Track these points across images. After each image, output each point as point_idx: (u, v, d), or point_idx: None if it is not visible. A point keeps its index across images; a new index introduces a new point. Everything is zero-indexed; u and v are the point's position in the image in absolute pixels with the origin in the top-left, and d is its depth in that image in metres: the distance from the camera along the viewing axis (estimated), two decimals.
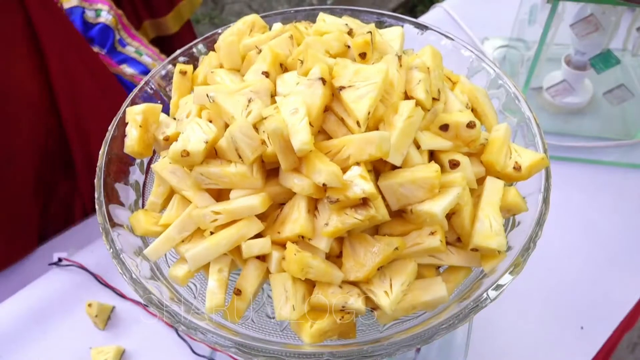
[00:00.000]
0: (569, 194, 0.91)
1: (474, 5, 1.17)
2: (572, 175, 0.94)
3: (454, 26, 1.14)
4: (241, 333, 0.46)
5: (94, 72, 1.01)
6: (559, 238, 0.87)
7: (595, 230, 0.88)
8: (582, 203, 0.91)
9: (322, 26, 0.56)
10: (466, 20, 1.14)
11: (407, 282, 0.45)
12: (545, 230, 0.86)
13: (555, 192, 0.90)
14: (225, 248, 0.45)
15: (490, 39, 1.10)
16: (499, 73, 0.57)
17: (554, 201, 0.89)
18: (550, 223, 0.87)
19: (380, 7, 2.23)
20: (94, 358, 0.76)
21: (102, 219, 0.48)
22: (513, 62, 1.06)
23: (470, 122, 0.47)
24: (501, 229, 0.45)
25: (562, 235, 0.87)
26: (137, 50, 1.17)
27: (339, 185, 0.43)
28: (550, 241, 0.85)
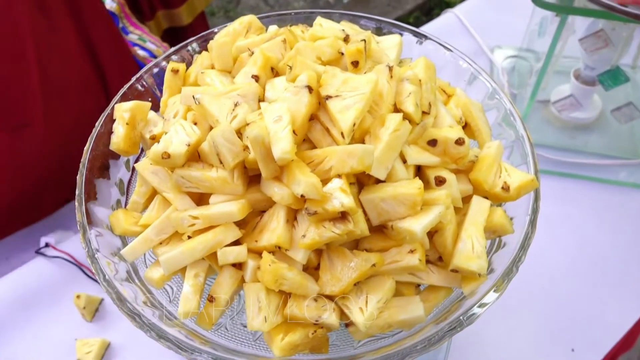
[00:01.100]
0: (570, 211, 0.90)
1: (486, 13, 1.15)
2: (575, 192, 0.92)
3: (464, 33, 1.13)
4: (212, 341, 0.45)
5: (120, 51, 1.01)
6: (556, 255, 0.85)
7: (594, 250, 0.86)
8: (582, 221, 0.89)
9: (318, 31, 0.55)
10: (477, 28, 1.12)
11: (384, 299, 0.44)
12: (542, 247, 0.85)
13: (555, 208, 0.90)
14: (201, 254, 0.45)
15: (500, 48, 1.08)
16: (496, 88, 0.56)
17: (553, 217, 0.88)
18: (547, 239, 0.87)
19: (396, 8, 2.21)
20: (78, 350, 0.76)
21: (81, 217, 0.47)
22: (522, 73, 1.04)
23: (459, 139, 0.46)
24: (483, 251, 0.44)
25: (559, 252, 0.86)
26: (140, 37, 1.17)
27: (317, 197, 0.42)
28: (546, 258, 0.84)
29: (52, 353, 0.76)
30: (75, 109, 0.87)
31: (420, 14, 2.22)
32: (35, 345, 0.77)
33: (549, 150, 0.94)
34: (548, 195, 0.91)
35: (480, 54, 1.09)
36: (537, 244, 0.84)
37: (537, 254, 0.84)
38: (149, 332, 0.42)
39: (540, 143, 0.95)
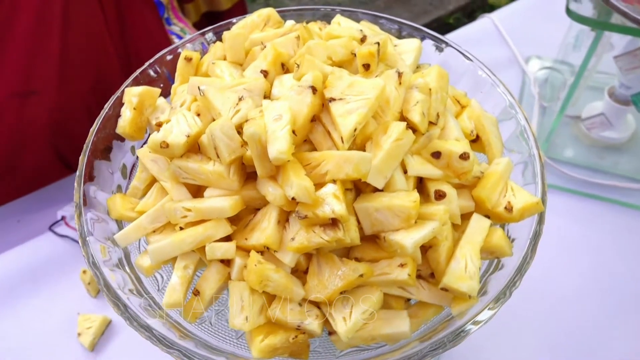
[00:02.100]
0: (588, 233, 0.86)
1: (525, 20, 1.12)
2: (596, 214, 0.88)
3: (499, 40, 1.09)
4: (193, 335, 0.45)
5: (155, 38, 1.03)
6: (567, 277, 0.82)
7: (610, 277, 0.82)
8: (600, 245, 0.85)
9: (335, 29, 0.54)
10: (513, 35, 1.09)
11: (370, 311, 0.43)
12: (553, 267, 0.82)
13: (573, 229, 0.86)
14: (189, 246, 0.44)
15: (535, 58, 1.05)
16: (512, 102, 0.54)
17: (570, 238, 0.85)
18: (560, 260, 0.84)
19: (437, 8, 2.17)
20: (79, 324, 0.77)
21: (78, 198, 0.48)
22: (555, 85, 1.00)
23: (463, 153, 0.44)
24: (476, 273, 0.42)
25: (571, 274, 0.83)
26: (182, 29, 1.18)
27: (309, 201, 0.41)
28: (557, 279, 0.81)
29: (54, 325, 0.78)
30: (90, 86, 0.88)
31: (461, 15, 2.18)
32: (39, 316, 0.79)
33: (574, 169, 0.91)
34: (567, 215, 0.88)
35: (513, 63, 1.06)
36: (549, 263, 0.82)
37: (547, 273, 0.82)
38: (130, 321, 0.42)
39: (566, 160, 0.92)
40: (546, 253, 0.84)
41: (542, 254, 0.83)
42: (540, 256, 0.82)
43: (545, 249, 0.85)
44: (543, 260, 0.83)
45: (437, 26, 2.17)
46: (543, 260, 0.83)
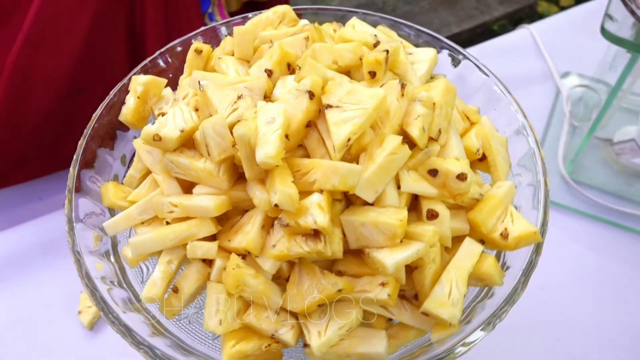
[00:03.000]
0: (609, 264, 0.82)
1: (564, 35, 1.07)
2: (619, 244, 0.84)
3: (535, 52, 1.05)
4: (169, 332, 0.45)
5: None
6: (583, 308, 0.79)
7: (628, 313, 0.78)
8: (621, 278, 0.81)
9: (347, 32, 0.53)
10: (550, 49, 1.05)
11: (347, 327, 0.42)
12: (568, 297, 0.78)
13: (593, 257, 0.83)
14: (171, 243, 0.44)
15: (571, 74, 1.00)
16: (524, 123, 0.51)
17: (586, 268, 0.81)
18: (576, 290, 0.80)
19: (483, 13, 2.12)
20: (81, 302, 0.78)
21: (71, 182, 0.48)
22: (589, 105, 0.96)
23: (461, 174, 0.42)
24: (460, 300, 0.41)
25: (586, 306, 0.79)
26: None
27: (292, 209, 0.40)
28: (571, 310, 0.78)
29: (57, 300, 0.79)
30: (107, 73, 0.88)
31: (507, 22, 2.12)
32: (43, 290, 0.80)
33: (599, 193, 0.87)
34: (586, 242, 0.84)
35: (548, 78, 1.02)
36: (562, 290, 0.79)
37: (560, 301, 0.78)
38: (106, 315, 0.41)
39: (591, 184, 0.88)
40: (560, 280, 0.81)
41: (556, 280, 0.80)
42: (554, 283, 0.80)
43: (560, 275, 0.81)
44: (556, 287, 0.80)
45: (481, 32, 2.11)
46: (556, 287, 0.80)
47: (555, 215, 0.86)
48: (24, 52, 0.78)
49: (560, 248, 0.83)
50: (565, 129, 0.92)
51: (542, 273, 0.81)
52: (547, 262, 0.82)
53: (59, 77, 0.84)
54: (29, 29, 0.77)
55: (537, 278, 0.80)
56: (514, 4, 2.16)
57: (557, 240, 0.84)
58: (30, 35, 0.78)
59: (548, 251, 0.83)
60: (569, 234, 0.85)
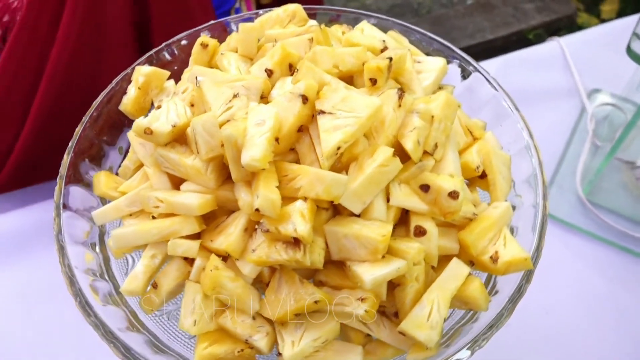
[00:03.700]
0: (619, 292, 0.79)
1: (595, 50, 1.03)
2: (631, 273, 0.80)
3: (563, 67, 1.02)
4: (145, 328, 0.45)
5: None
6: (587, 337, 0.76)
7: (634, 343, 0.75)
8: (630, 308, 0.78)
9: (355, 36, 0.51)
10: (580, 64, 1.01)
11: (322, 339, 0.41)
12: (573, 324, 0.76)
13: (602, 284, 0.80)
14: (154, 238, 0.44)
15: (598, 92, 0.97)
16: (530, 143, 0.49)
17: (597, 294, 0.78)
18: (581, 316, 0.77)
19: (520, 21, 2.06)
20: None
21: (63, 169, 0.48)
22: (614, 124, 0.93)
23: (453, 192, 0.41)
24: (439, 323, 0.39)
25: (591, 334, 0.76)
26: None
27: (273, 215, 0.39)
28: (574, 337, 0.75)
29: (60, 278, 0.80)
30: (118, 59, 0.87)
31: (543, 32, 2.06)
32: (48, 267, 0.80)
33: (615, 218, 0.84)
34: (596, 267, 0.81)
35: (574, 94, 0.98)
36: (568, 316, 0.76)
37: (564, 327, 0.76)
38: (82, 307, 0.41)
39: (608, 207, 0.85)
40: (567, 303, 0.78)
41: (562, 303, 0.78)
42: (560, 306, 0.77)
43: (567, 299, 0.79)
44: (562, 311, 0.77)
45: (515, 40, 2.06)
46: (562, 311, 0.77)
47: (567, 237, 0.84)
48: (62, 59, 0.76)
49: (569, 270, 0.81)
50: (587, 147, 0.89)
51: (549, 294, 0.79)
52: (554, 283, 0.80)
53: (87, 77, 0.82)
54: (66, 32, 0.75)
55: (542, 300, 0.78)
56: (552, 14, 2.10)
57: (567, 262, 0.81)
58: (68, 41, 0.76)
59: (556, 272, 0.81)
60: (580, 257, 0.83)
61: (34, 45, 0.74)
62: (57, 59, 0.74)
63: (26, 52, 0.73)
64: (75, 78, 0.76)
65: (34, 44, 0.73)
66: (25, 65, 0.74)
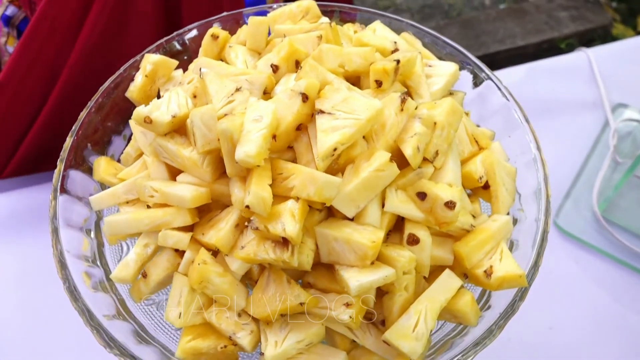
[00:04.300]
0: (630, 315, 0.77)
1: (624, 64, 1.00)
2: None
3: (589, 78, 0.99)
4: (133, 317, 0.45)
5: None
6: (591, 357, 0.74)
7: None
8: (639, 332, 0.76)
9: (366, 36, 0.50)
10: (606, 77, 0.98)
11: (306, 341, 0.40)
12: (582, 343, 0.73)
13: (613, 305, 0.77)
14: (146, 227, 0.44)
15: (623, 107, 0.94)
16: (537, 157, 0.47)
17: (607, 315, 0.76)
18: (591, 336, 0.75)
19: (552, 29, 2.02)
20: None
21: (64, 153, 0.48)
22: (637, 141, 0.90)
23: (450, 202, 0.40)
24: (425, 334, 0.38)
25: (596, 355, 0.74)
26: None
27: (263, 213, 0.38)
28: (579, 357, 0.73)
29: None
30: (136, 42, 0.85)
31: (576, 41, 2.01)
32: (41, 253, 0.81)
33: (630, 238, 0.81)
34: (608, 287, 0.79)
35: (598, 107, 0.96)
36: (576, 335, 0.74)
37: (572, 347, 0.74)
38: (70, 291, 0.41)
39: (624, 226, 0.82)
40: (573, 322, 0.76)
41: (568, 321, 0.75)
42: (565, 323, 0.75)
43: (573, 317, 0.77)
44: (567, 329, 0.75)
45: (547, 48, 2.02)
46: (567, 329, 0.75)
47: (579, 253, 0.82)
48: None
49: (579, 288, 0.79)
50: (607, 163, 0.87)
51: (554, 310, 0.77)
52: (561, 299, 0.78)
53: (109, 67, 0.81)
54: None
55: (547, 315, 0.76)
56: (587, 23, 2.05)
57: (577, 279, 0.79)
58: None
59: (564, 288, 0.79)
60: (591, 275, 0.80)
61: (54, 34, 0.74)
62: (81, 48, 0.74)
63: (45, 41, 0.74)
64: (97, 68, 0.77)
65: (54, 33, 0.73)
66: (44, 53, 0.74)
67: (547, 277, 0.81)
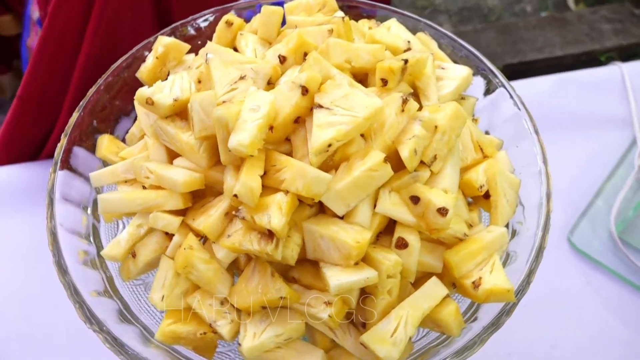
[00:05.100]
0: (636, 340, 0.74)
1: None
2: None
3: (620, 94, 0.96)
4: (119, 295, 0.45)
5: None
6: None
7: None
8: None
9: (378, 33, 0.50)
10: (638, 93, 0.95)
11: (285, 336, 0.40)
12: None
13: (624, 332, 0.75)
14: (138, 208, 0.44)
15: None
16: (542, 170, 0.46)
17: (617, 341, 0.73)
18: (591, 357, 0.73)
19: (593, 40, 1.96)
20: None
21: (69, 127, 0.49)
22: None
23: (442, 208, 0.39)
24: (403, 341, 0.37)
25: None
26: None
27: (250, 203, 0.38)
28: None
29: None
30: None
31: (617, 55, 1.94)
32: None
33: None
34: (619, 311, 0.76)
35: (626, 125, 0.93)
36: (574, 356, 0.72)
37: None
38: (58, 266, 0.42)
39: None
40: (577, 342, 0.74)
41: (572, 341, 0.73)
42: (569, 343, 0.73)
43: (578, 338, 0.74)
44: (570, 349, 0.73)
45: (586, 60, 1.96)
46: (570, 349, 0.73)
47: (591, 272, 0.79)
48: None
49: (587, 309, 0.76)
50: (629, 183, 0.84)
51: (559, 329, 0.75)
52: (567, 318, 0.76)
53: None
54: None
55: (550, 332, 0.74)
56: (630, 37, 1.98)
57: (586, 299, 0.77)
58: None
59: (572, 308, 0.76)
60: (601, 296, 0.78)
61: (70, 25, 0.75)
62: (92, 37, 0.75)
63: (63, 33, 0.75)
64: (109, 55, 0.78)
65: (69, 28, 0.75)
66: (63, 45, 0.75)
67: (555, 294, 0.79)
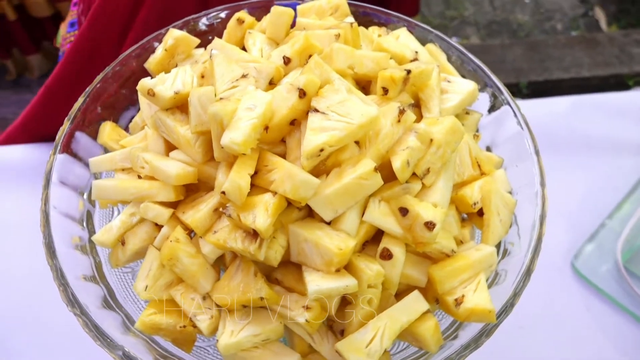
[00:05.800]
0: None
1: None
2: None
3: (638, 120, 0.94)
4: (105, 281, 0.45)
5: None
6: None
7: None
8: None
9: (386, 42, 0.49)
10: None
11: (263, 336, 0.40)
12: None
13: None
14: (131, 197, 0.44)
15: None
16: (538, 191, 0.45)
17: None
18: None
19: (622, 63, 1.92)
20: None
21: (73, 112, 0.49)
22: None
23: (429, 222, 0.38)
24: (378, 352, 0.37)
25: None
26: None
27: (237, 202, 0.38)
28: None
29: None
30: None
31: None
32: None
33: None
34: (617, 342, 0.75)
35: (639, 151, 0.91)
36: None
37: None
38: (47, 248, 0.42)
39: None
40: None
41: None
42: None
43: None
44: None
45: (613, 83, 1.93)
46: None
47: (593, 300, 0.78)
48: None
49: (585, 336, 0.75)
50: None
51: (554, 353, 0.73)
52: (564, 344, 0.74)
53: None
54: None
55: (545, 356, 0.73)
56: None
57: (585, 327, 0.75)
58: None
59: (570, 334, 0.75)
60: (601, 325, 0.76)
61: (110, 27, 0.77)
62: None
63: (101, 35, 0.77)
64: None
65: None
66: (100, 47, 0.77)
67: (554, 318, 0.77)
